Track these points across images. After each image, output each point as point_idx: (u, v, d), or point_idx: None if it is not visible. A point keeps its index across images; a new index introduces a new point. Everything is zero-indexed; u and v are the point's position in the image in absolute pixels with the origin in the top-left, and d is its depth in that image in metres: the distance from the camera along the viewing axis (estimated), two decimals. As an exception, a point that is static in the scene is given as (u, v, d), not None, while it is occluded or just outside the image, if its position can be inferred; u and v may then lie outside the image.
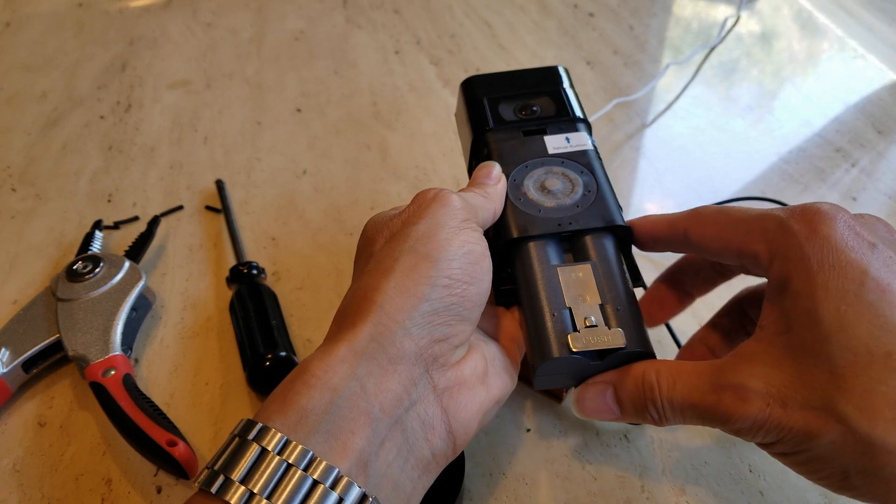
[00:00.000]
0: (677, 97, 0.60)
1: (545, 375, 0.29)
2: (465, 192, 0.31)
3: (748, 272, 0.30)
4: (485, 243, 0.29)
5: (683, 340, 0.39)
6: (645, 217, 0.32)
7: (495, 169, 0.33)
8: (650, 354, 0.29)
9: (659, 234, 0.31)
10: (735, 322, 0.33)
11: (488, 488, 0.33)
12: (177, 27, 0.72)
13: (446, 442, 0.26)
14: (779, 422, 0.24)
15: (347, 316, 0.27)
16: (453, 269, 0.27)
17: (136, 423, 0.33)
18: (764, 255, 0.26)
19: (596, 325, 0.28)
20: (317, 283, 0.44)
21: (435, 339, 0.26)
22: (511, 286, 0.32)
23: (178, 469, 0.32)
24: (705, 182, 0.51)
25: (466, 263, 0.27)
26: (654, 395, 0.27)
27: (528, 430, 0.36)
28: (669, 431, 0.36)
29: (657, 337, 0.40)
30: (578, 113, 0.37)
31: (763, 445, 0.25)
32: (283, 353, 0.37)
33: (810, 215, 0.25)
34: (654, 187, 0.51)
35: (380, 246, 0.29)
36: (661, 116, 0.58)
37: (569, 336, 0.28)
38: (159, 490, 0.34)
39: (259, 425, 0.23)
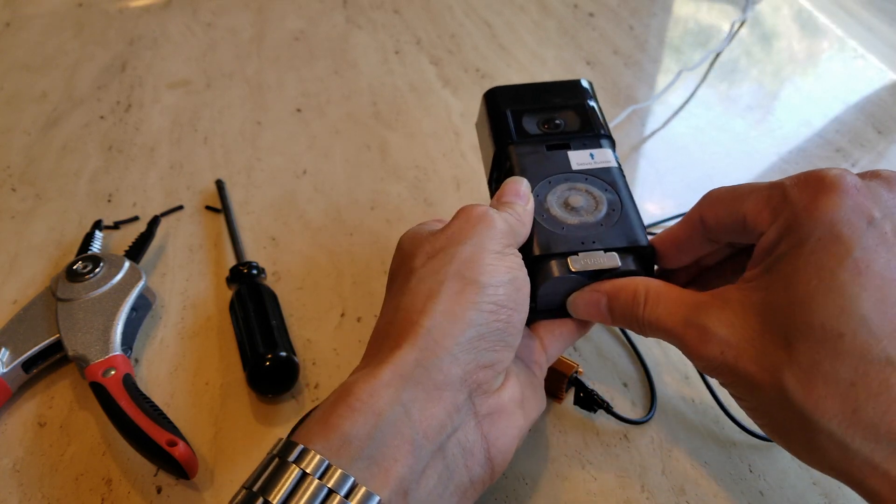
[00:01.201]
0: (685, 103, 0.60)
1: (547, 296, 0.31)
2: (502, 212, 0.31)
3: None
4: (525, 269, 0.29)
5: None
6: (661, 232, 0.33)
7: (524, 186, 0.33)
8: (644, 273, 0.31)
9: (679, 235, 0.31)
10: (732, 250, 0.32)
11: (488, 488, 0.33)
12: (177, 27, 0.72)
13: (485, 468, 0.26)
14: (730, 368, 0.25)
15: (389, 337, 0.27)
16: (499, 296, 0.27)
17: (136, 423, 0.33)
18: (766, 222, 0.26)
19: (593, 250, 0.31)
20: (317, 283, 0.44)
21: (481, 364, 0.26)
22: (532, 304, 0.32)
23: (178, 469, 0.32)
24: (705, 182, 0.51)
25: (512, 290, 0.27)
26: (638, 311, 0.29)
27: (528, 430, 0.36)
28: (669, 431, 0.36)
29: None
30: (603, 129, 0.37)
31: (721, 383, 0.27)
32: (283, 353, 0.37)
33: (814, 183, 0.25)
34: (655, 187, 0.51)
35: (421, 262, 0.28)
36: (663, 118, 0.58)
37: (568, 259, 0.31)
38: (159, 490, 0.34)
39: (300, 447, 0.23)
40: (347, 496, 0.22)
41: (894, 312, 0.23)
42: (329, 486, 0.22)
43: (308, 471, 0.22)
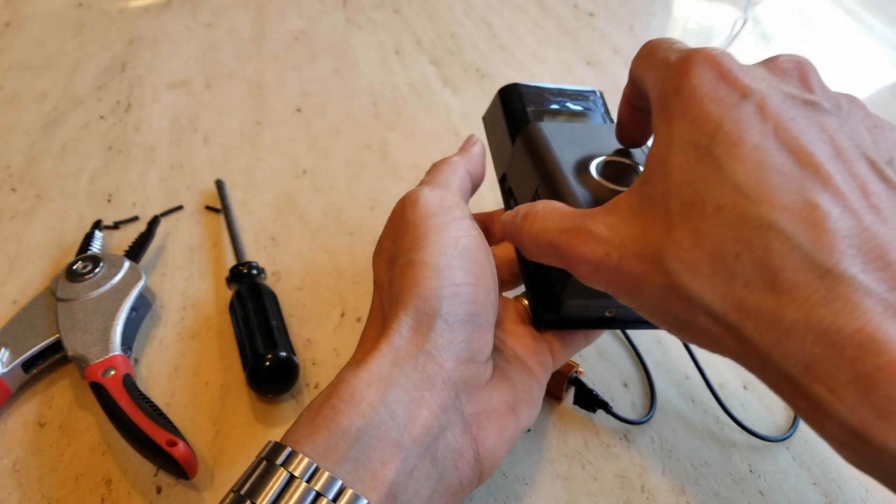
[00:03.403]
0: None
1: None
2: (433, 171, 0.31)
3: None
4: (477, 232, 0.28)
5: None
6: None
7: (470, 139, 0.34)
8: None
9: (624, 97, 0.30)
10: None
11: (488, 488, 0.33)
12: (177, 27, 0.72)
13: (474, 470, 0.26)
14: (614, 268, 0.24)
15: (371, 338, 0.27)
16: (456, 274, 0.26)
17: (136, 423, 0.33)
18: (652, 100, 0.25)
19: None
20: (317, 283, 0.44)
21: (460, 360, 0.26)
22: (554, 315, 0.31)
23: (178, 469, 0.32)
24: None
25: (466, 262, 0.26)
26: (525, 225, 0.27)
27: (529, 430, 0.36)
28: (669, 431, 0.36)
29: (660, 336, 0.40)
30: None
31: (606, 290, 0.25)
32: (283, 354, 0.37)
33: (689, 63, 0.23)
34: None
35: (383, 271, 0.29)
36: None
37: None
38: (159, 490, 0.34)
39: (287, 450, 0.23)
40: (335, 500, 0.22)
41: (773, 179, 0.21)
42: (317, 489, 0.22)
43: (296, 474, 0.22)
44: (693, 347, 0.39)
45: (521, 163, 0.34)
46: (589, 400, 0.36)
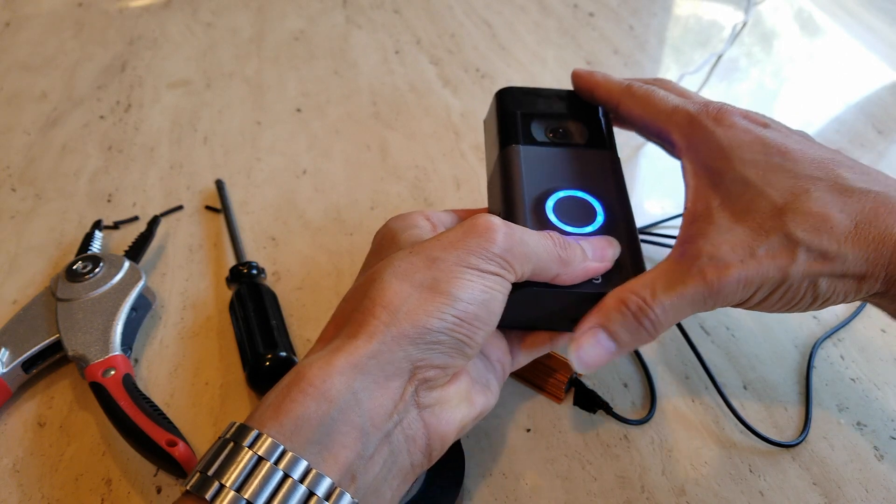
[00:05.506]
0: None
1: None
2: (543, 236, 0.29)
3: (666, 150, 0.37)
4: (507, 289, 0.28)
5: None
6: (591, 73, 0.37)
7: (609, 250, 0.31)
8: None
9: (597, 95, 0.37)
10: None
11: (488, 488, 0.33)
12: (177, 27, 0.72)
13: (424, 454, 0.27)
14: (757, 270, 0.27)
15: (350, 322, 0.27)
16: (467, 312, 0.26)
17: (136, 423, 0.33)
18: (679, 142, 0.32)
19: None
20: (317, 283, 0.44)
21: (433, 364, 0.26)
22: (517, 324, 0.31)
23: (178, 469, 0.32)
24: (705, 182, 0.51)
25: (482, 311, 0.27)
26: (645, 309, 0.28)
27: (529, 430, 0.36)
28: (669, 431, 0.36)
29: (659, 336, 0.40)
30: (611, 145, 0.37)
31: (744, 303, 0.29)
32: (282, 353, 0.37)
33: (714, 111, 0.32)
34: (655, 187, 0.51)
35: (402, 255, 0.28)
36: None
37: None
38: (159, 490, 0.34)
39: (254, 432, 0.24)
40: (302, 480, 0.23)
41: (829, 164, 0.30)
42: (285, 470, 0.23)
43: (262, 454, 0.23)
44: (698, 348, 0.39)
45: (494, 183, 0.36)
46: (589, 400, 0.36)
